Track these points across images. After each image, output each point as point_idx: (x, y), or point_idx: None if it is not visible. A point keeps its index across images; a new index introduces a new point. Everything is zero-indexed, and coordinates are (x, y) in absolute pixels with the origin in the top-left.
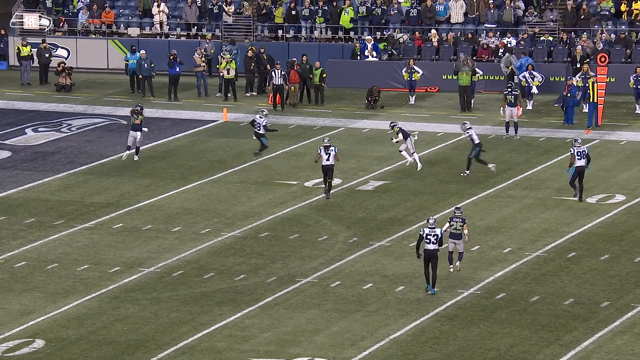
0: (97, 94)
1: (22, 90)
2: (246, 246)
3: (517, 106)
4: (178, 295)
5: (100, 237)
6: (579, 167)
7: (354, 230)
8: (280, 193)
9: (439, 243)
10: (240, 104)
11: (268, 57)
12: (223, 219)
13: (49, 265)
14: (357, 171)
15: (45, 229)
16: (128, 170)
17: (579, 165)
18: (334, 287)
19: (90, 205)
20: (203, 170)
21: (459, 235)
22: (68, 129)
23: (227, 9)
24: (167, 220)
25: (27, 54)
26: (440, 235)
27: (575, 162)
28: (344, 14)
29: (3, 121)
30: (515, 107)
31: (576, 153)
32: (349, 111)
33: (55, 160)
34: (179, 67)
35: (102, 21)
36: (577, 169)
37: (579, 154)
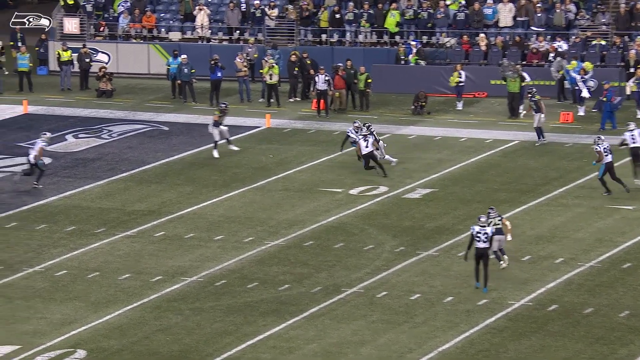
0: (138, 100)
1: (62, 96)
2: (290, 255)
3: (540, 112)
4: (221, 305)
5: (142, 245)
6: (608, 163)
7: (400, 239)
8: (325, 201)
9: (490, 242)
10: (284, 109)
11: (311, 61)
12: (266, 227)
13: (90, 274)
14: (403, 178)
15: (86, 237)
16: (170, 177)
17: (608, 161)
18: (380, 297)
19: (132, 213)
20: (246, 178)
21: (500, 230)
22: (109, 135)
23: (270, 12)
24: (209, 228)
25: (67, 59)
26: (490, 233)
27: (604, 158)
28: (390, 17)
29: (43, 127)
30: (540, 113)
31: (603, 150)
32: (394, 117)
33: (96, 167)
34: (221, 72)
35: (143, 25)
36: (607, 165)
37: (606, 150)
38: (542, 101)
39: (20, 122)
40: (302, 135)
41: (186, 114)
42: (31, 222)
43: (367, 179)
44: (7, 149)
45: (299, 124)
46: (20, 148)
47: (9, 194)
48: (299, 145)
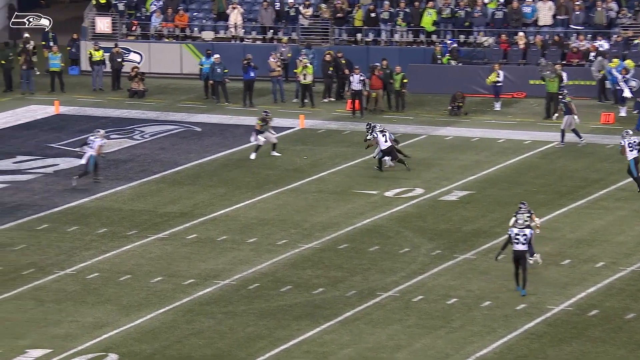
0: (171, 100)
1: (94, 96)
2: (324, 258)
3: (571, 113)
4: (254, 309)
5: (174, 248)
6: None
7: (437, 242)
8: (360, 203)
9: (528, 243)
10: (318, 110)
11: (346, 61)
12: (300, 230)
13: (122, 277)
14: (439, 180)
15: (117, 239)
16: (202, 178)
17: (634, 157)
18: (416, 301)
19: (164, 215)
20: (279, 179)
21: (528, 227)
22: (141, 136)
23: (304, 11)
24: (242, 230)
25: (99, 58)
26: (529, 235)
27: (627, 154)
28: (426, 15)
29: (75, 128)
30: (571, 115)
31: (628, 144)
32: (431, 118)
33: (128, 169)
34: (254, 72)
35: (176, 25)
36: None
37: (630, 145)
38: (573, 102)
39: (52, 123)
40: (337, 136)
41: (219, 114)
42: (63, 224)
43: (403, 180)
44: (39, 149)
45: (334, 125)
46: (52, 149)
47: (40, 196)
48: (334, 147)
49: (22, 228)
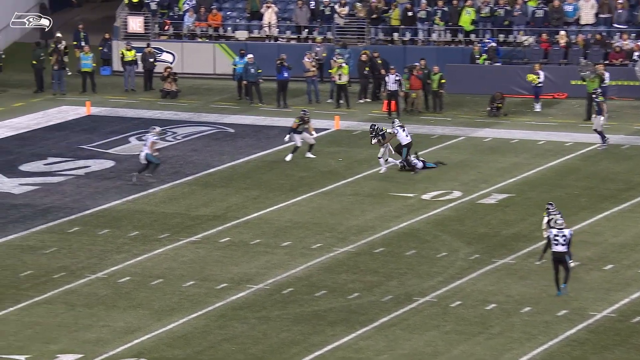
0: (203, 101)
1: (125, 97)
2: (360, 262)
3: (601, 114)
4: (288, 314)
5: (207, 251)
6: None
7: (475, 246)
8: (396, 206)
9: (568, 244)
10: (353, 111)
11: (382, 61)
12: (335, 234)
13: (154, 280)
14: (478, 183)
15: (149, 242)
16: (235, 181)
17: None
18: (454, 307)
19: (196, 218)
20: (314, 182)
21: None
22: (173, 138)
23: (340, 10)
24: (276, 234)
25: (131, 58)
26: (569, 236)
27: None
28: (465, 14)
29: (106, 129)
30: (600, 115)
31: None
32: (469, 119)
33: (159, 170)
34: (287, 73)
35: (209, 24)
36: None
37: None
38: (605, 103)
39: (83, 124)
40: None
41: (253, 115)
42: (94, 226)
43: (441, 183)
44: (71, 151)
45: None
46: (83, 151)
47: (71, 198)
48: (369, 148)
49: (53, 231)
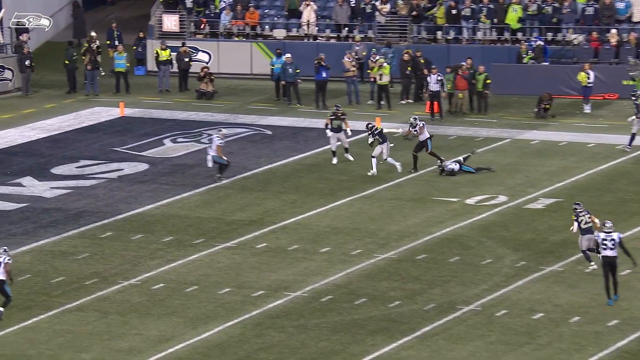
0: (240, 102)
1: (160, 98)
2: (401, 269)
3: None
4: (327, 322)
5: (243, 257)
6: None
7: (522, 253)
8: (439, 211)
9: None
10: (395, 112)
11: (425, 60)
12: (376, 239)
13: (189, 287)
14: (525, 187)
15: (184, 248)
16: (273, 184)
17: None
18: (499, 316)
19: (232, 223)
20: (354, 186)
21: (590, 229)
22: (209, 140)
23: (381, 8)
24: (314, 239)
25: (166, 58)
26: (618, 239)
27: None
28: (511, 12)
29: (140, 131)
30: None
31: None
32: (515, 121)
33: (194, 174)
34: (326, 72)
35: (246, 22)
36: None
37: None
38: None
39: (117, 126)
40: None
41: (291, 116)
42: (127, 231)
43: (486, 187)
44: (104, 154)
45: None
46: (116, 153)
47: (104, 202)
48: (411, 151)
49: (85, 236)
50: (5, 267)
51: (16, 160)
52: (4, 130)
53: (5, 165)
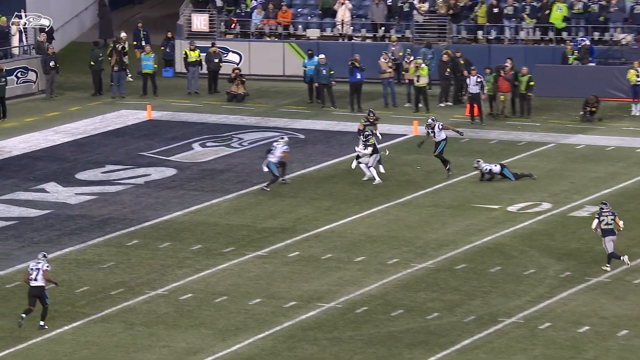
0: (272, 104)
1: (189, 100)
2: (440, 280)
3: None
4: (362, 335)
5: (274, 267)
6: None
7: (566, 263)
8: (480, 219)
9: None
10: (433, 115)
11: (465, 61)
12: (413, 248)
13: (218, 298)
14: (570, 194)
15: (213, 256)
16: (306, 190)
17: None
18: (543, 329)
19: (263, 231)
20: (390, 192)
21: (612, 230)
22: (239, 144)
23: (419, 6)
24: (349, 248)
25: (195, 59)
26: None
27: None
28: (556, 10)
29: (168, 135)
30: None
31: None
32: (560, 124)
33: (224, 179)
34: (360, 74)
35: (278, 22)
36: None
37: None
38: None
39: (144, 129)
40: (454, 145)
41: (324, 120)
42: (154, 239)
43: (529, 194)
44: (130, 158)
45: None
46: (143, 158)
47: (130, 209)
48: (450, 156)
49: (111, 244)
50: (44, 274)
51: (40, 165)
52: (27, 133)
53: (28, 171)
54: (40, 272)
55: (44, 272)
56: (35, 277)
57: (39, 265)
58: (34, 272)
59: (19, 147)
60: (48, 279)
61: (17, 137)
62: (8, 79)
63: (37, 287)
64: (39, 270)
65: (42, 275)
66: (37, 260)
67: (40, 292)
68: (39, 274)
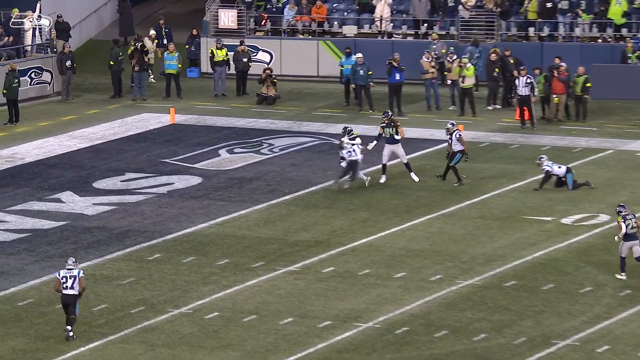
0: (305, 107)
1: (215, 103)
2: (487, 298)
3: None
4: (402, 357)
5: (307, 283)
6: None
7: (626, 280)
8: (531, 231)
9: None
10: (480, 119)
11: (515, 60)
12: (458, 264)
13: (246, 317)
14: (630, 205)
15: (241, 272)
16: (341, 201)
17: None
18: (601, 352)
19: (295, 244)
20: (433, 202)
21: (635, 235)
22: (269, 150)
23: (465, 1)
24: (388, 263)
25: (222, 58)
26: None
27: None
28: (615, 5)
29: (193, 140)
30: None
31: None
32: (619, 129)
33: (253, 189)
34: (400, 75)
35: (312, 18)
36: None
37: None
38: None
39: (167, 134)
40: (503, 151)
41: (362, 124)
42: (177, 253)
43: (585, 205)
44: (152, 166)
45: (499, 137)
46: (166, 165)
47: (152, 220)
48: (499, 163)
49: (131, 258)
50: (81, 282)
51: (54, 173)
52: (41, 139)
53: (42, 179)
54: (76, 280)
55: (81, 280)
56: (72, 284)
57: (74, 272)
58: (69, 280)
59: (32, 153)
60: (83, 287)
61: (30, 143)
62: (21, 80)
63: (71, 296)
64: (74, 278)
65: (79, 283)
66: (68, 266)
67: (73, 301)
68: (75, 281)
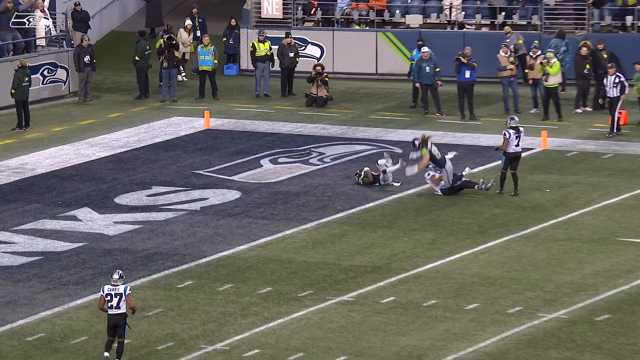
0: (361, 110)
1: (257, 105)
2: (576, 334)
3: None
4: None
5: (364, 315)
6: None
7: None
8: (628, 256)
9: None
10: (567, 124)
11: (609, 55)
12: (541, 294)
13: (292, 355)
14: None
15: (286, 302)
16: (403, 219)
17: None
18: None
19: (350, 270)
20: (511, 221)
21: None
22: (319, 160)
23: None
24: (458, 293)
25: (265, 53)
26: None
27: None
28: None
29: (231, 148)
30: None
31: None
32: None
33: (301, 205)
34: (471, 72)
35: (370, 6)
36: None
37: None
38: None
39: (200, 141)
40: (594, 162)
41: (427, 130)
42: (212, 280)
43: None
44: (183, 178)
45: (590, 145)
46: (199, 177)
47: (182, 241)
48: (590, 176)
49: (158, 286)
50: (128, 300)
51: (70, 186)
52: (55, 146)
53: (56, 193)
54: (122, 299)
55: (128, 298)
56: (118, 303)
57: (119, 289)
58: (115, 299)
59: (44, 163)
60: (132, 306)
61: (42, 151)
62: (32, 78)
63: (119, 315)
64: (120, 295)
65: (127, 301)
66: (113, 282)
67: (122, 321)
68: (121, 300)
